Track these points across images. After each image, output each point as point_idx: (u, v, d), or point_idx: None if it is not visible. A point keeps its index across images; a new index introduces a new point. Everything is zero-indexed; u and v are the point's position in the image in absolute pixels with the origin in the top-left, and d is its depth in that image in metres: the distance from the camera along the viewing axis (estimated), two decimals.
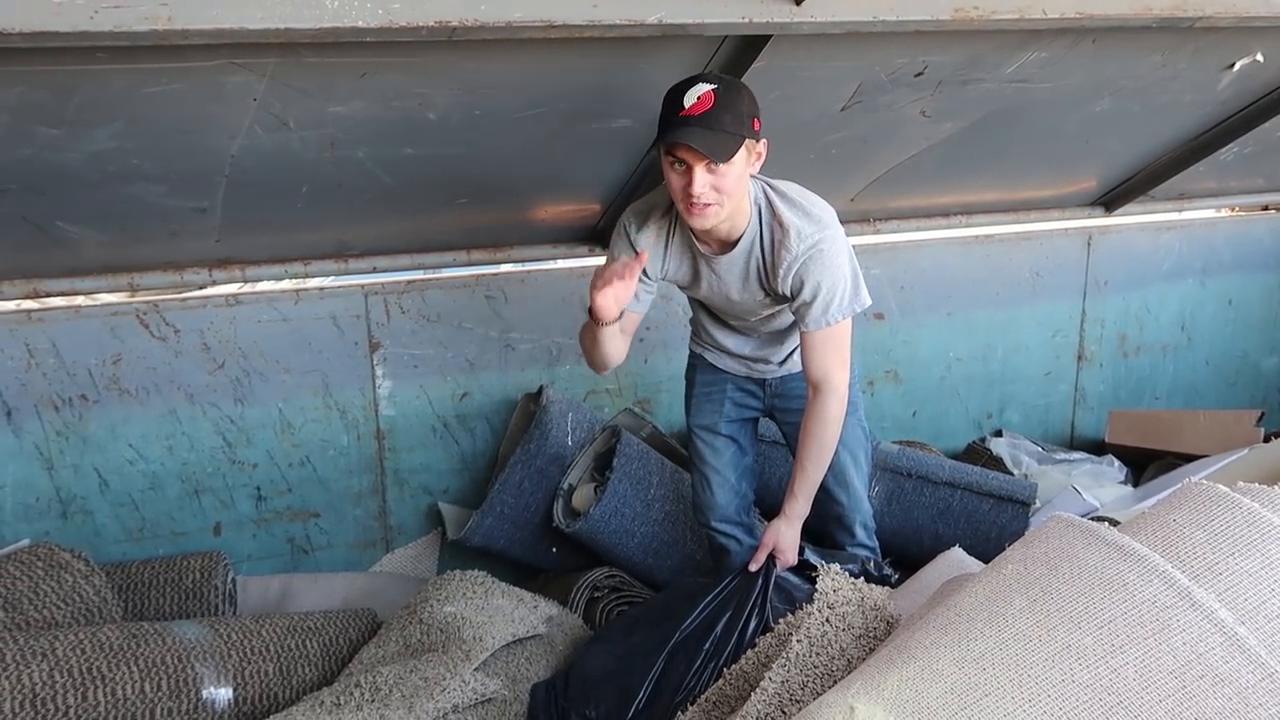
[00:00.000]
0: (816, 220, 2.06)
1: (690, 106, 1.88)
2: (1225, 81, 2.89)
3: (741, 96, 1.93)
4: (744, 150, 1.93)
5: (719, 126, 1.88)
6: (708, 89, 1.88)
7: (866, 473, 2.48)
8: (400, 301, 2.92)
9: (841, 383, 2.15)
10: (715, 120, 1.88)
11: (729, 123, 1.89)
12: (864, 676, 1.28)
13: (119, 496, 2.74)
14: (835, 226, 2.08)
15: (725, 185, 1.94)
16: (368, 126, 2.16)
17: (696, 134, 1.87)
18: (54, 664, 1.91)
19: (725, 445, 2.42)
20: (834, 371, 2.13)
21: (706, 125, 1.87)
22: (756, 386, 2.41)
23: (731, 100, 1.90)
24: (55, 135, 1.94)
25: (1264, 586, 1.17)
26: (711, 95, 1.88)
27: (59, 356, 2.60)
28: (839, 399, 2.15)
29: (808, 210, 2.07)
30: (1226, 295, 4.20)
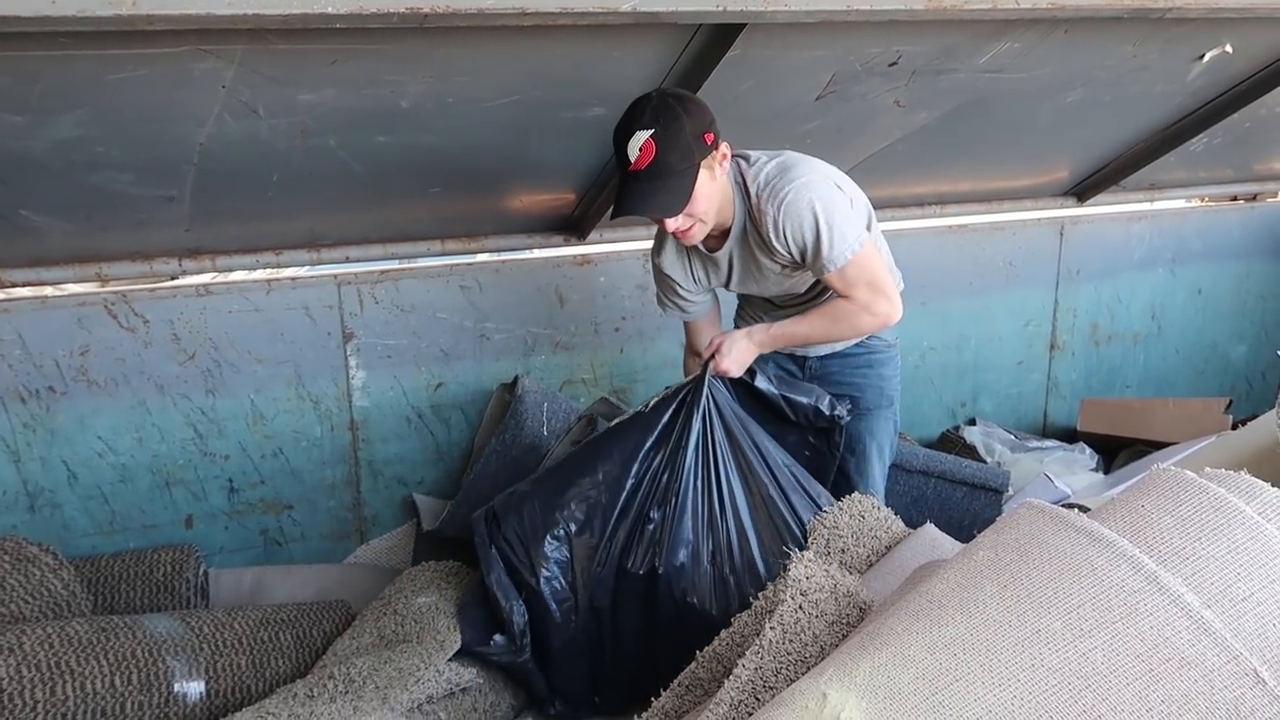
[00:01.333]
0: (779, 173, 2.06)
1: (634, 161, 1.92)
2: (1195, 72, 2.92)
3: (682, 127, 1.93)
4: (703, 171, 1.98)
5: (667, 173, 1.93)
6: (646, 138, 1.90)
7: (887, 465, 2.50)
8: (374, 291, 2.90)
9: (876, 305, 2.13)
10: (662, 168, 1.92)
11: (676, 162, 1.93)
12: (836, 663, 1.29)
13: (88, 489, 2.70)
14: (803, 171, 2.07)
15: (697, 209, 2.02)
16: (339, 114, 2.13)
17: (645, 194, 1.94)
18: (21, 659, 1.89)
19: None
20: (874, 302, 2.12)
21: (654, 176, 1.92)
22: (795, 366, 2.42)
23: (673, 138, 1.91)
24: (18, 122, 1.90)
25: (1230, 571, 1.18)
26: (652, 145, 1.90)
27: (25, 348, 2.56)
28: (875, 319, 2.15)
29: (770, 173, 2.07)
30: (1196, 285, 4.25)
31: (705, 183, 1.99)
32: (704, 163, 1.97)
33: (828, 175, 2.11)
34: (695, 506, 2.11)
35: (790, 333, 2.23)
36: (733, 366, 2.21)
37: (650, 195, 1.94)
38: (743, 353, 2.22)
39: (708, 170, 1.99)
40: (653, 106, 1.93)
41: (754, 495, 2.14)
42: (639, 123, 1.92)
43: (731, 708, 1.54)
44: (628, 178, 1.95)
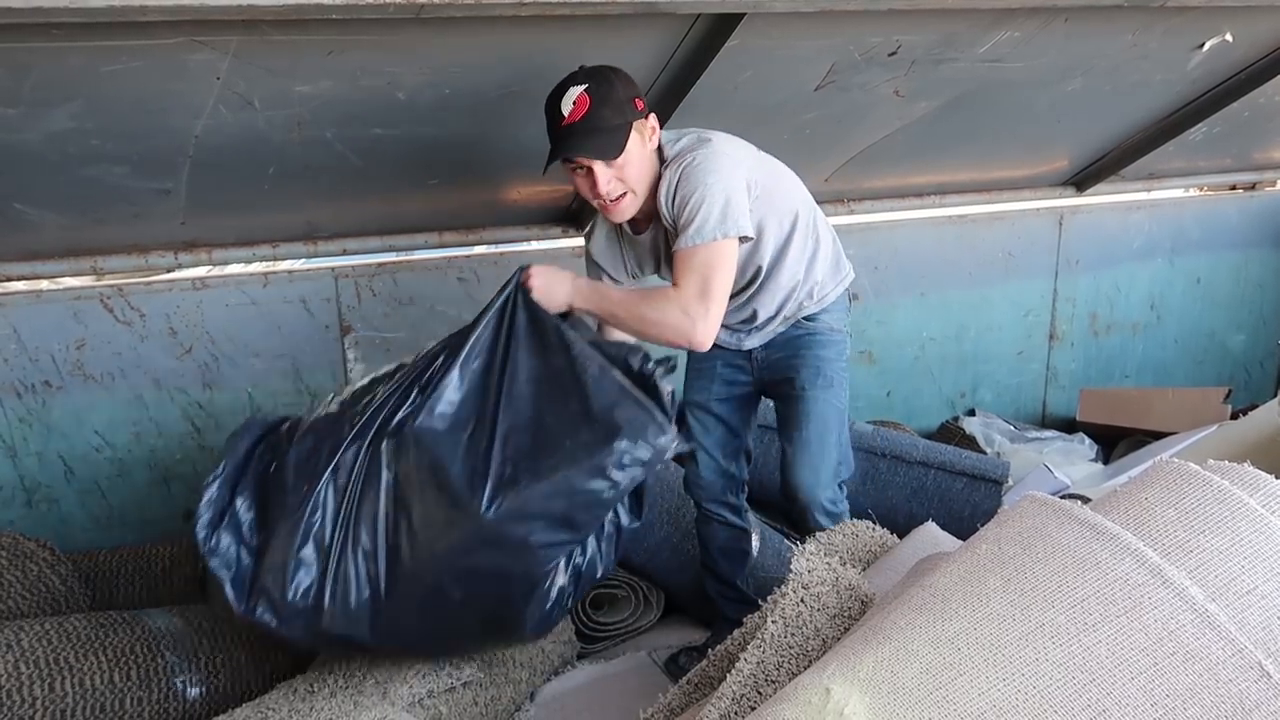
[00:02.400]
0: (697, 143, 2.02)
1: (569, 114, 1.92)
2: (1195, 61, 2.91)
3: (614, 86, 1.95)
4: (634, 134, 1.97)
5: (602, 124, 1.93)
6: (580, 91, 1.92)
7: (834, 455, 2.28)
8: (371, 284, 2.89)
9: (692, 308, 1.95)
10: (596, 119, 1.92)
11: (609, 116, 1.93)
12: (839, 657, 1.28)
13: (85, 484, 2.70)
14: (710, 151, 2.00)
15: (629, 174, 1.99)
16: (336, 106, 2.12)
17: (582, 140, 1.93)
18: (19, 655, 1.88)
19: (715, 424, 2.39)
20: (693, 304, 1.96)
21: (589, 128, 1.92)
22: (744, 360, 2.35)
23: (606, 94, 1.93)
24: (11, 115, 1.89)
25: (1234, 563, 1.17)
26: (586, 98, 1.91)
27: (20, 341, 2.55)
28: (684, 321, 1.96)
29: (692, 138, 2.05)
30: (1195, 274, 4.25)
31: (636, 145, 1.98)
32: (635, 124, 1.97)
33: (740, 161, 2.03)
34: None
35: (604, 295, 2.07)
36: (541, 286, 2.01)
37: (584, 142, 1.93)
38: (558, 283, 2.03)
39: (639, 134, 1.98)
40: (586, 70, 1.96)
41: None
42: (574, 80, 1.94)
43: (734, 701, 1.53)
44: (561, 133, 1.95)
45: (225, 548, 1.92)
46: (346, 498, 1.89)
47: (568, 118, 1.93)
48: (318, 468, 1.91)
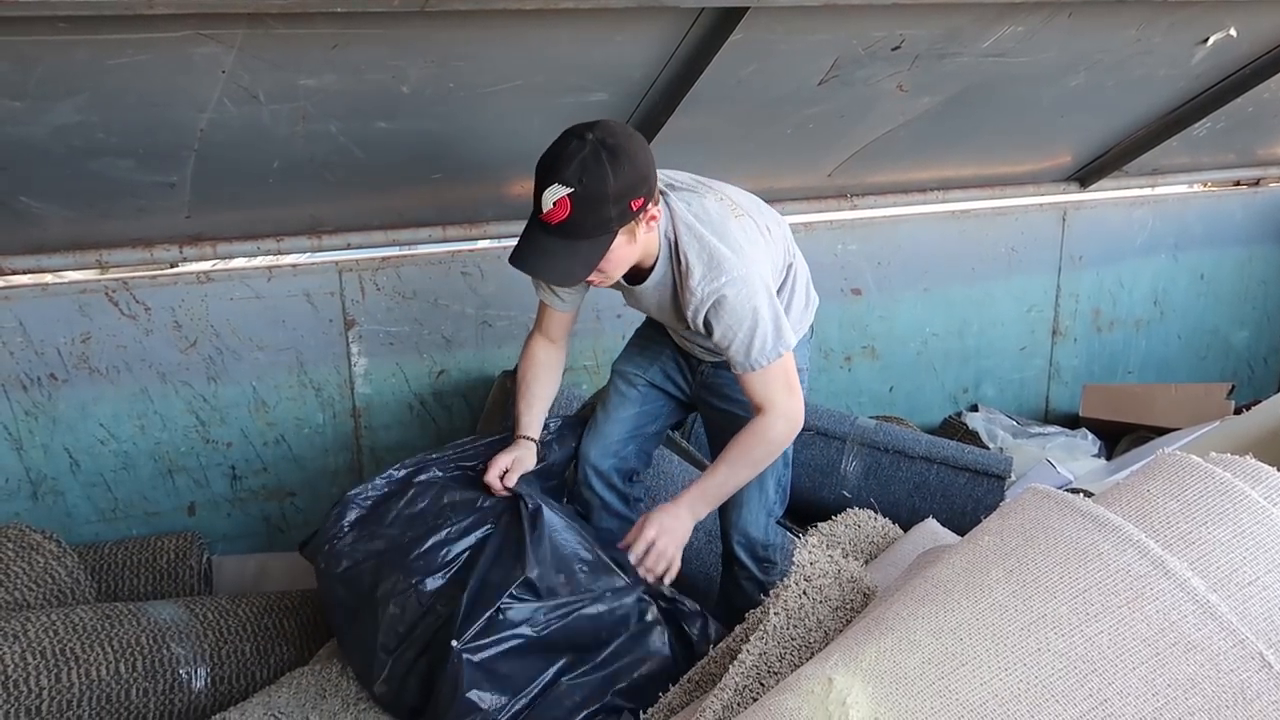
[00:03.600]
0: (718, 266, 1.86)
1: (546, 211, 1.72)
2: (1199, 56, 2.91)
3: (606, 192, 1.70)
4: (620, 236, 1.79)
5: (578, 234, 1.74)
6: (563, 195, 1.69)
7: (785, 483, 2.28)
8: (375, 278, 2.89)
9: (791, 409, 1.97)
10: (573, 228, 1.73)
11: (590, 228, 1.74)
12: (842, 648, 1.29)
13: (90, 477, 2.71)
14: (744, 267, 1.87)
15: (609, 268, 1.84)
16: (340, 100, 2.12)
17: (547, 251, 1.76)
18: (26, 646, 1.89)
19: (633, 402, 2.27)
20: (779, 398, 1.95)
21: (564, 234, 1.73)
22: (688, 368, 2.27)
23: (591, 203, 1.71)
24: (17, 108, 1.89)
25: (1235, 555, 1.18)
26: (567, 203, 1.69)
27: (26, 335, 2.55)
28: (788, 422, 1.97)
29: (713, 252, 1.87)
30: (1198, 270, 4.24)
31: (620, 246, 1.80)
32: (623, 229, 1.78)
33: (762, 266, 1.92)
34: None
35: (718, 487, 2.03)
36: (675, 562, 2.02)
37: (551, 255, 1.77)
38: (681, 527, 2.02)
39: (627, 234, 1.80)
40: (580, 158, 1.69)
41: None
42: (560, 174, 1.69)
43: (736, 693, 1.54)
44: (535, 223, 1.76)
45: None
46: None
47: (544, 214, 1.73)
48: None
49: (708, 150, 2.80)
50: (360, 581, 1.98)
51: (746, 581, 2.32)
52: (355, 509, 2.08)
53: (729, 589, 2.37)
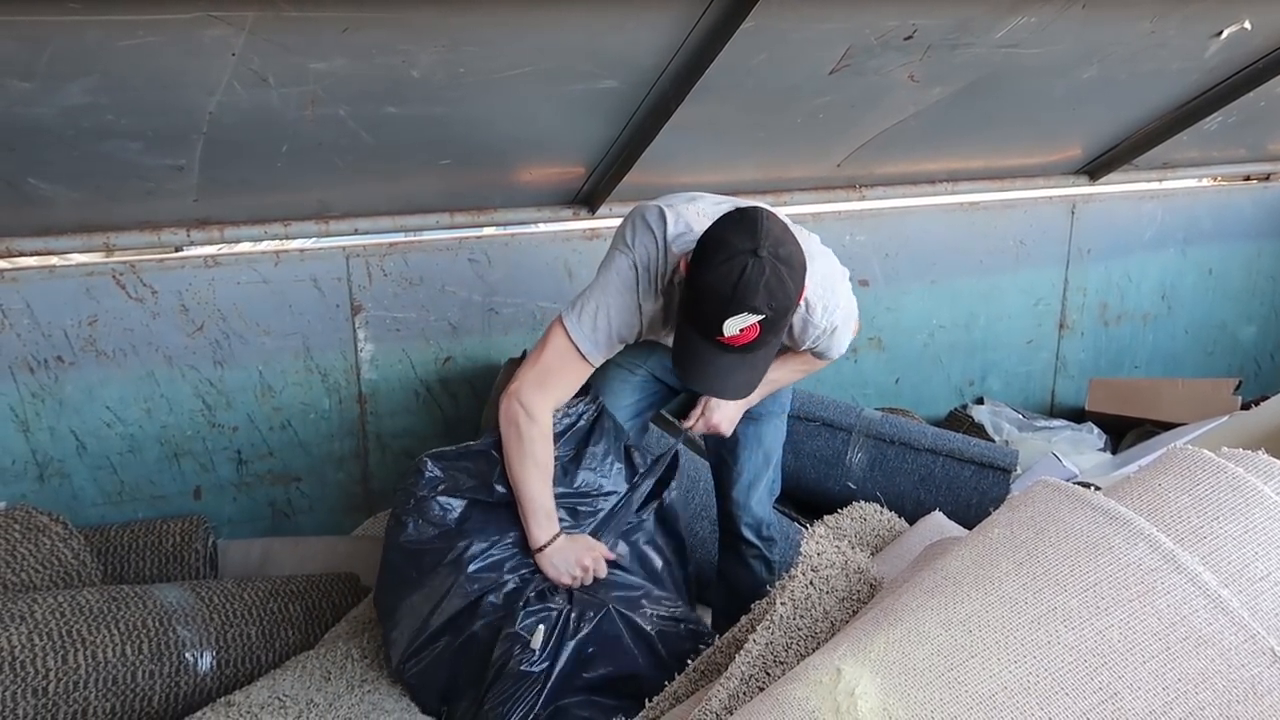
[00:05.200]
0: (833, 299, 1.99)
1: (729, 336, 1.70)
2: (1213, 49, 2.89)
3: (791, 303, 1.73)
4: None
5: (758, 347, 1.75)
6: (754, 322, 1.68)
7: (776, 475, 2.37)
8: (382, 264, 2.89)
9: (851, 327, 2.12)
10: (756, 345, 1.74)
11: (772, 341, 1.77)
12: (850, 639, 1.29)
13: (97, 459, 2.71)
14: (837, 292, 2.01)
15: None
16: (349, 84, 2.11)
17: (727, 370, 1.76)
18: (33, 627, 1.89)
19: (634, 389, 2.28)
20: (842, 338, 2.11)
21: (745, 351, 1.74)
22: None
23: (781, 320, 1.74)
24: (26, 89, 1.89)
25: (1247, 550, 1.18)
26: (756, 329, 1.70)
27: (33, 317, 2.55)
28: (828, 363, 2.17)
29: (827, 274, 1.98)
30: (1207, 265, 4.23)
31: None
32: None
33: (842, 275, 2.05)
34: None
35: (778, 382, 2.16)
36: (726, 423, 2.13)
37: (733, 372, 1.78)
38: (734, 408, 2.12)
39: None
40: (765, 284, 1.68)
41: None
42: (749, 303, 1.67)
43: (742, 682, 1.54)
44: (712, 344, 1.74)
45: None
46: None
47: (726, 337, 1.70)
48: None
49: (717, 139, 2.79)
50: (420, 560, 1.99)
51: (755, 560, 2.38)
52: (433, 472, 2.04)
53: (735, 572, 2.41)
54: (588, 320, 1.93)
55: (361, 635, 2.12)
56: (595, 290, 1.95)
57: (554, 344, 1.96)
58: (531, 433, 1.94)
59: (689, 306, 1.75)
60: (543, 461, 1.96)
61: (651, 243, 1.93)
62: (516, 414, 1.95)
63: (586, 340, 1.93)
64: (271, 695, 1.87)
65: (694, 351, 1.77)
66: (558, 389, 1.98)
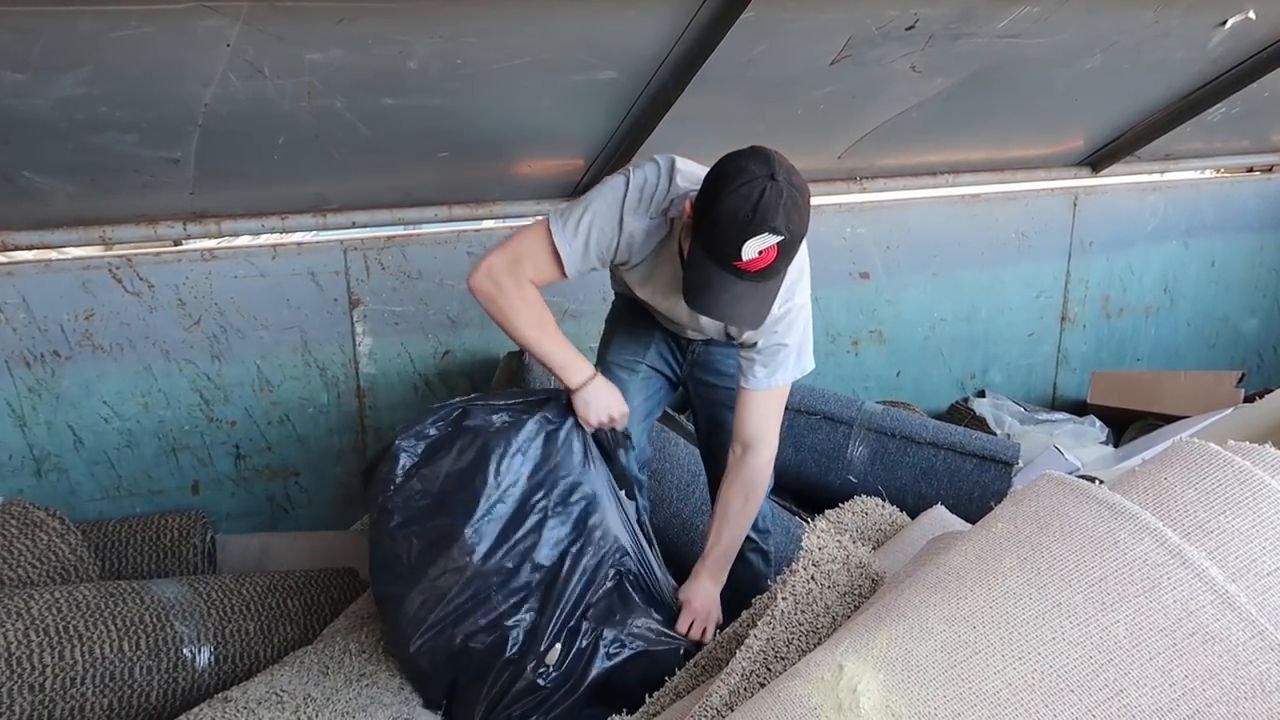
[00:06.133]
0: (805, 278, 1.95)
1: (748, 260, 1.69)
2: (1217, 39, 2.87)
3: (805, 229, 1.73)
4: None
5: (772, 275, 1.74)
6: (773, 244, 1.67)
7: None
8: (380, 257, 2.87)
9: (774, 443, 2.05)
10: (773, 272, 1.73)
11: (782, 268, 1.75)
12: (852, 634, 1.27)
13: (94, 454, 2.70)
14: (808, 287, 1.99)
15: None
16: (346, 75, 2.09)
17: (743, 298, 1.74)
18: (29, 623, 1.88)
19: (637, 390, 2.27)
20: (769, 433, 2.04)
21: (760, 279, 1.73)
22: (678, 348, 2.29)
23: (795, 246, 1.73)
24: (19, 81, 1.87)
25: (1255, 544, 1.16)
26: (775, 250, 1.69)
27: (29, 311, 2.54)
28: (770, 456, 2.07)
29: (803, 270, 1.95)
30: (1209, 257, 4.21)
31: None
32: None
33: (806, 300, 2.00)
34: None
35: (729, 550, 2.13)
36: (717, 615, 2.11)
37: (744, 300, 1.75)
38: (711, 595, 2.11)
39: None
40: (783, 205, 1.67)
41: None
42: (770, 223, 1.66)
43: (743, 677, 1.53)
44: (725, 269, 1.72)
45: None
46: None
47: (744, 262, 1.69)
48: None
49: (717, 130, 2.76)
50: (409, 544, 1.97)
51: (753, 554, 2.36)
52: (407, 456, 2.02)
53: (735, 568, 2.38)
54: (571, 224, 1.92)
55: (360, 630, 2.11)
56: (584, 200, 1.96)
57: (532, 233, 1.95)
58: (512, 298, 1.93)
59: (705, 234, 1.72)
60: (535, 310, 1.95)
61: (654, 170, 1.93)
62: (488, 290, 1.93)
63: (565, 242, 1.92)
64: (269, 690, 1.86)
65: (707, 279, 1.74)
66: (530, 272, 1.95)
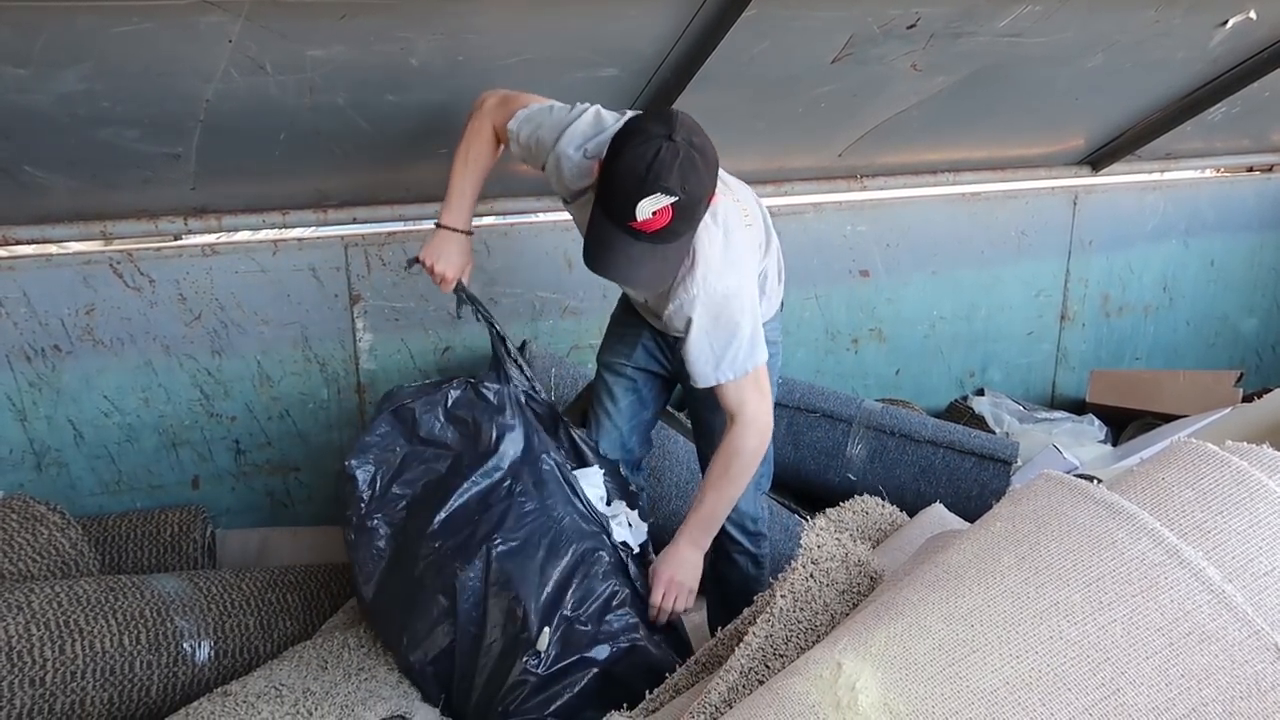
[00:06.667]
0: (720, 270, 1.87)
1: (641, 220, 1.67)
2: (1217, 39, 2.87)
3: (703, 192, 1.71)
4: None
5: (670, 239, 1.73)
6: (666, 204, 1.66)
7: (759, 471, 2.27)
8: (381, 253, 2.87)
9: (760, 413, 1.96)
10: (667, 234, 1.71)
11: (682, 230, 1.73)
12: (851, 632, 1.28)
13: (94, 449, 2.70)
14: (740, 279, 1.91)
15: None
16: (348, 72, 2.10)
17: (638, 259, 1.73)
18: (30, 617, 1.89)
19: (625, 392, 2.27)
20: (748, 404, 1.95)
21: (656, 240, 1.72)
22: (666, 345, 2.25)
23: (692, 208, 1.71)
24: (21, 76, 1.87)
25: (1251, 544, 1.17)
26: (669, 211, 1.67)
27: (30, 306, 2.54)
28: (758, 431, 1.97)
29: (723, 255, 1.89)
30: (1209, 256, 4.21)
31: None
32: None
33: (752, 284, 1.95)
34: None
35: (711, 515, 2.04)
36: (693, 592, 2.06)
37: (641, 262, 1.74)
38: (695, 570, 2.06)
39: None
40: (679, 164, 1.67)
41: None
42: (662, 182, 1.65)
43: (742, 675, 1.53)
44: (620, 228, 1.71)
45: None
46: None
47: (639, 223, 1.68)
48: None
49: (719, 128, 2.73)
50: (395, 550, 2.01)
51: (740, 556, 2.33)
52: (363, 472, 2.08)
53: (723, 570, 2.38)
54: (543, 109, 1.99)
55: (359, 625, 2.12)
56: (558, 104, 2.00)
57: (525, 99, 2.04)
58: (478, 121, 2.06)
59: (604, 192, 1.73)
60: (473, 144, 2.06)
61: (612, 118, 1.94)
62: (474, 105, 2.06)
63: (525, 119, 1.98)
64: (268, 684, 1.86)
65: (606, 240, 1.74)
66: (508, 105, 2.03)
